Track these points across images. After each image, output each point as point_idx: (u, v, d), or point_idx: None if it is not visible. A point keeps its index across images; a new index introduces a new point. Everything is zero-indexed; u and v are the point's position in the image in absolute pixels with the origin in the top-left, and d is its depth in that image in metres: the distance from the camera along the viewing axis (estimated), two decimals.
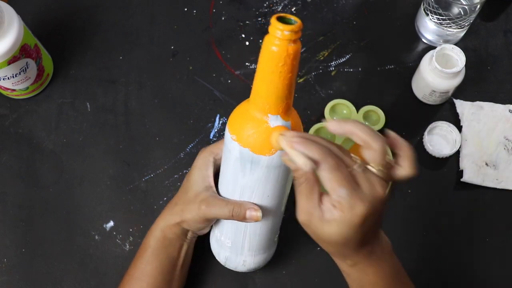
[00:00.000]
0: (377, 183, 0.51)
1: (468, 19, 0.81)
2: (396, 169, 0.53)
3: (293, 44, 0.51)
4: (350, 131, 0.52)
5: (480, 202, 0.79)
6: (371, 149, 0.51)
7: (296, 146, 0.52)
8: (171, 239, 0.68)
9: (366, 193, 0.51)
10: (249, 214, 0.62)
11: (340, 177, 0.50)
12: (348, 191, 0.50)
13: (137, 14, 0.89)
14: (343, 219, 0.50)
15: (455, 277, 0.76)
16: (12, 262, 0.76)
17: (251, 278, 0.76)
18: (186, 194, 0.67)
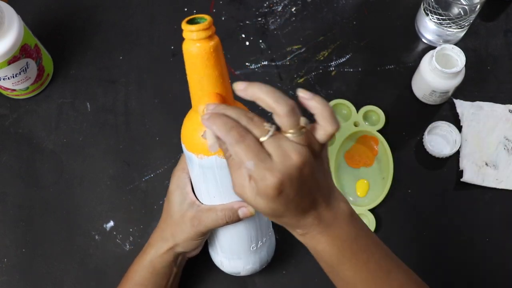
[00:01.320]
0: (291, 150, 0.49)
1: (468, 19, 0.81)
2: (316, 129, 0.51)
3: (208, 41, 0.53)
4: (254, 96, 0.50)
5: (480, 202, 0.79)
6: (278, 114, 0.49)
7: (204, 123, 0.51)
8: (161, 269, 0.66)
9: (276, 162, 0.48)
10: (242, 213, 0.61)
11: (244, 150, 0.48)
12: (254, 163, 0.48)
13: (137, 14, 0.89)
14: (259, 191, 0.49)
15: (455, 277, 0.76)
16: (12, 262, 0.76)
17: (251, 278, 0.76)
18: (171, 218, 0.65)
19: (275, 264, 0.76)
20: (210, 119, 0.51)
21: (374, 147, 0.81)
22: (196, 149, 0.58)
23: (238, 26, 0.88)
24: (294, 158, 0.49)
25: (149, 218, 0.78)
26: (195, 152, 0.59)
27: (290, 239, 0.76)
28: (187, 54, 0.55)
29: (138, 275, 0.67)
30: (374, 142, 0.81)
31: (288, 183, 0.49)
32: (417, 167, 0.81)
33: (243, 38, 0.87)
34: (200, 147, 0.58)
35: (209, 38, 0.54)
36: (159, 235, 0.67)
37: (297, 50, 0.87)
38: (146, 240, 0.77)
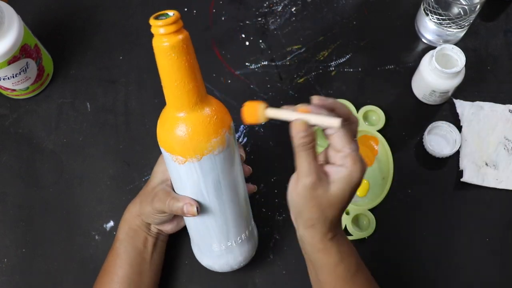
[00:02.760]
0: (360, 159, 0.57)
1: (468, 19, 0.81)
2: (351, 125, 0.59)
3: (176, 35, 0.54)
4: (332, 105, 0.58)
5: (480, 202, 0.79)
6: (352, 120, 0.58)
7: (316, 110, 0.57)
8: (135, 230, 0.69)
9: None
10: (186, 209, 0.63)
11: (351, 134, 0.57)
12: (356, 147, 0.56)
13: (137, 14, 0.89)
14: (347, 175, 0.55)
15: (455, 277, 0.76)
16: (12, 262, 0.76)
17: (251, 278, 0.76)
18: (146, 187, 0.69)
19: (275, 264, 0.76)
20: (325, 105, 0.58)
21: (374, 147, 0.81)
22: (172, 150, 0.59)
23: (238, 26, 0.88)
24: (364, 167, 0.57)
25: None
26: (172, 152, 0.60)
27: (290, 239, 0.76)
28: (157, 49, 0.55)
29: (120, 233, 0.70)
30: (374, 142, 0.81)
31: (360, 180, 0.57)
32: (417, 167, 0.81)
33: (243, 38, 0.87)
34: (176, 147, 0.59)
35: (176, 32, 0.54)
36: (134, 201, 0.71)
37: (297, 50, 0.87)
38: None
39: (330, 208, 0.56)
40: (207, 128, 0.58)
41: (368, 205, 0.78)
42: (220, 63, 0.86)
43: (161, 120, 0.61)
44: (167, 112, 0.60)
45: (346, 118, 0.57)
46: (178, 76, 0.56)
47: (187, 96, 0.57)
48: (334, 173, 0.56)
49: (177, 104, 0.58)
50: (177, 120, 0.58)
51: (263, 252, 0.76)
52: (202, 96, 0.58)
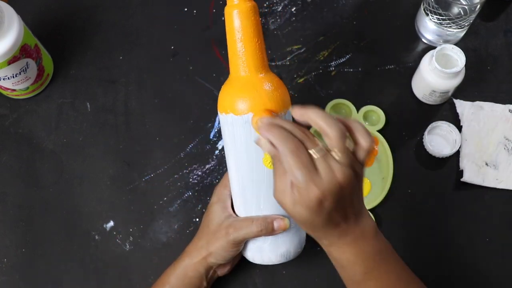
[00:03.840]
0: (336, 169, 0.53)
1: (468, 19, 0.81)
2: (357, 149, 0.55)
3: (247, 1, 0.61)
4: (310, 119, 0.54)
5: (480, 202, 0.79)
6: (329, 137, 0.53)
7: (261, 132, 0.55)
8: (192, 278, 0.68)
9: (322, 178, 0.52)
10: (276, 225, 0.65)
11: (296, 161, 0.52)
12: (303, 175, 0.52)
13: (137, 14, 0.89)
14: (301, 201, 0.53)
15: (455, 277, 0.76)
16: (12, 262, 0.76)
17: (251, 278, 0.76)
18: (208, 228, 0.69)
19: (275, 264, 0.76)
20: (267, 128, 0.55)
21: (374, 147, 0.81)
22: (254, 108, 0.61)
23: None
24: (339, 177, 0.53)
25: (149, 218, 0.78)
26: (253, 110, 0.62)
27: None
28: (229, 16, 0.61)
29: (171, 279, 0.69)
30: (374, 142, 0.81)
31: (329, 198, 0.53)
32: (417, 167, 0.81)
33: None
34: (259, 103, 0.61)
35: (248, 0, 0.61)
36: (195, 244, 0.69)
37: (297, 50, 0.87)
38: (146, 240, 0.77)
39: (299, 224, 0.56)
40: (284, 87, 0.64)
41: (368, 205, 0.78)
42: (220, 63, 0.86)
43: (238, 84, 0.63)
44: (242, 77, 0.62)
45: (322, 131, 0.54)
46: (258, 35, 0.62)
47: (264, 56, 0.63)
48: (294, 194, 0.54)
49: (258, 64, 0.62)
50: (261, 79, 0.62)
51: None
52: (266, 66, 0.64)
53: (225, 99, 0.63)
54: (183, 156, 0.81)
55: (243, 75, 0.62)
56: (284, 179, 0.53)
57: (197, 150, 0.81)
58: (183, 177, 0.80)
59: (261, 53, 0.62)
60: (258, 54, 0.62)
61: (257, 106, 0.61)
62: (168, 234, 0.77)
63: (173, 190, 0.79)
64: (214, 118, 0.83)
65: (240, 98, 0.61)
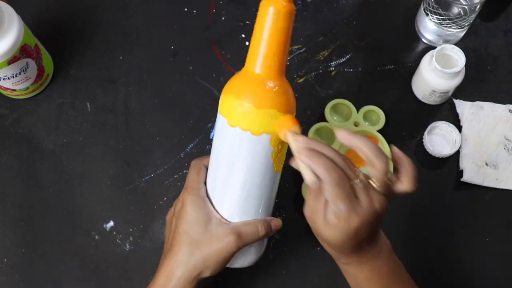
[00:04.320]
0: (375, 199, 0.55)
1: (468, 19, 0.81)
2: (397, 183, 0.57)
3: (289, 3, 0.59)
4: (357, 147, 0.55)
5: (480, 202, 0.79)
6: (375, 168, 0.55)
7: (303, 159, 0.55)
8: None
9: (363, 208, 0.54)
10: (273, 226, 0.65)
11: (340, 192, 0.53)
12: (346, 205, 0.53)
13: (137, 14, 0.89)
14: (340, 227, 0.54)
15: (455, 277, 0.76)
16: (12, 262, 0.76)
17: (251, 278, 0.76)
18: (197, 241, 0.60)
19: (275, 264, 0.76)
20: (309, 156, 0.55)
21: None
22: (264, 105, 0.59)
23: (238, 26, 0.88)
24: (377, 207, 0.55)
25: (149, 218, 0.78)
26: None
27: (290, 239, 0.76)
28: (264, 10, 0.59)
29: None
30: (374, 142, 0.81)
31: (366, 227, 0.55)
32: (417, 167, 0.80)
33: (243, 38, 0.87)
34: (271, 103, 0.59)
35: (289, 1, 0.59)
36: (180, 263, 0.60)
37: (297, 50, 0.87)
38: (146, 240, 0.77)
39: (325, 244, 0.57)
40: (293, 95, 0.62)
41: None
42: (220, 63, 0.86)
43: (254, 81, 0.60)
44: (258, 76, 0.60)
45: (369, 162, 0.55)
46: (288, 39, 0.60)
47: (285, 61, 0.61)
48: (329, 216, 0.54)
49: (280, 67, 0.60)
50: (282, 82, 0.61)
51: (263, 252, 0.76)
52: (282, 74, 0.62)
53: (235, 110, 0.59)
54: (183, 156, 0.81)
55: (258, 72, 0.60)
56: (319, 201, 0.54)
57: (197, 150, 0.81)
58: (183, 177, 0.80)
59: (285, 59, 0.60)
60: (282, 59, 0.60)
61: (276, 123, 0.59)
62: None
63: (173, 190, 0.79)
64: (214, 118, 0.83)
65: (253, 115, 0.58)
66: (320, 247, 0.59)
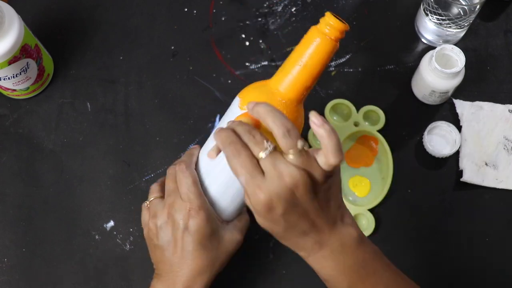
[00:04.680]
0: (285, 171, 0.50)
1: (468, 19, 0.81)
2: (319, 156, 0.52)
3: (336, 41, 0.60)
4: (259, 115, 0.53)
5: (480, 202, 0.79)
6: (275, 135, 0.51)
7: (214, 136, 0.55)
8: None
9: (268, 181, 0.50)
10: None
11: (238, 165, 0.51)
12: (246, 178, 0.50)
13: (137, 14, 0.89)
14: (250, 206, 0.51)
15: (455, 277, 0.76)
16: (12, 262, 0.76)
17: (251, 278, 0.76)
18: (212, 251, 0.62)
19: (275, 264, 0.76)
20: (217, 132, 0.54)
21: (374, 147, 0.81)
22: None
23: (238, 26, 0.88)
24: (286, 179, 0.50)
25: None
26: None
27: None
28: (312, 39, 0.60)
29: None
30: (374, 142, 0.81)
31: (278, 203, 0.50)
32: (417, 167, 0.81)
33: (243, 38, 0.87)
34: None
35: (337, 40, 0.60)
36: (203, 277, 0.61)
37: None
38: None
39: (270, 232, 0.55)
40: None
41: (368, 205, 0.78)
42: (220, 63, 0.86)
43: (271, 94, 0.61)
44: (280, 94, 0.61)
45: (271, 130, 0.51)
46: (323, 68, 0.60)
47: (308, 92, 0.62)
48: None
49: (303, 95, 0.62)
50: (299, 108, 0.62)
51: (263, 252, 0.76)
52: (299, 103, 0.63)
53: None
54: None
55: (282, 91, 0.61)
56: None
57: None
58: None
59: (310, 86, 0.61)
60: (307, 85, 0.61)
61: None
62: None
63: None
64: (214, 118, 0.83)
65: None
66: None
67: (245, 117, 0.59)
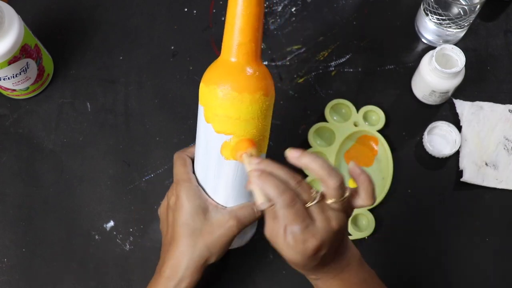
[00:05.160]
0: (332, 217, 0.54)
1: (468, 19, 0.81)
2: (355, 198, 0.56)
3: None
4: (306, 166, 0.55)
5: (480, 202, 0.79)
6: (327, 185, 0.54)
7: (254, 181, 0.54)
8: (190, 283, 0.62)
9: (319, 228, 0.54)
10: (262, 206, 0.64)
11: (293, 214, 0.53)
12: (300, 228, 0.53)
13: (137, 14, 0.89)
14: (298, 250, 0.54)
15: (455, 277, 0.76)
16: (12, 262, 0.76)
17: (251, 278, 0.76)
18: (201, 231, 0.62)
19: (275, 264, 0.76)
20: (261, 178, 0.54)
21: (374, 147, 0.81)
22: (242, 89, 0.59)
23: None
24: (334, 225, 0.54)
25: (149, 218, 0.78)
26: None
27: None
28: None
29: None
30: (374, 142, 0.81)
31: (326, 246, 0.54)
32: (417, 167, 0.81)
33: None
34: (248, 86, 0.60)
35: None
36: (186, 255, 0.61)
37: (297, 50, 0.87)
38: (146, 240, 0.77)
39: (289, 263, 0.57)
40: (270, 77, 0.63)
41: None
42: None
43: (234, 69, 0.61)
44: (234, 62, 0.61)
45: (321, 180, 0.54)
46: (261, 24, 0.60)
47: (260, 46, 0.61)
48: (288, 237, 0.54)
49: (257, 53, 0.60)
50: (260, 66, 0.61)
51: (263, 252, 0.76)
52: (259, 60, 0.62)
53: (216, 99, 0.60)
54: None
55: (234, 61, 0.60)
56: (277, 222, 0.54)
57: None
58: None
59: (260, 44, 0.61)
60: (257, 44, 0.60)
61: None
62: None
63: None
64: None
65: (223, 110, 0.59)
66: None
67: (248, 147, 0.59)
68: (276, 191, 0.53)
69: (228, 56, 0.61)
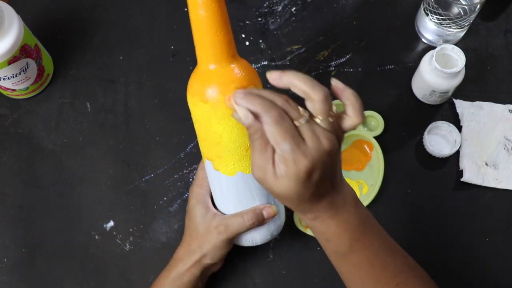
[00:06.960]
0: (322, 136, 0.51)
1: (468, 19, 0.81)
2: (344, 119, 0.53)
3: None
4: (290, 82, 0.52)
5: (480, 202, 0.79)
6: (313, 101, 0.51)
7: (239, 101, 0.52)
8: (188, 282, 0.68)
9: (310, 147, 0.50)
10: (266, 214, 0.65)
11: (282, 131, 0.50)
12: (291, 145, 0.50)
13: (137, 14, 0.89)
14: (289, 174, 0.50)
15: (455, 277, 0.76)
16: (12, 262, 0.76)
17: (251, 278, 0.76)
18: (196, 231, 0.68)
19: (275, 264, 0.76)
20: (245, 98, 0.52)
21: (368, 152, 0.80)
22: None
23: (238, 26, 0.88)
24: (325, 144, 0.51)
25: (149, 218, 0.78)
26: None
27: (290, 239, 0.76)
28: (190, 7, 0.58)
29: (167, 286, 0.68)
30: (369, 147, 0.80)
31: (318, 168, 0.50)
32: (417, 167, 0.81)
33: (243, 38, 0.87)
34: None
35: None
36: (185, 250, 0.68)
37: (297, 50, 0.87)
38: (146, 240, 0.77)
39: (284, 199, 0.54)
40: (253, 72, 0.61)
41: None
42: None
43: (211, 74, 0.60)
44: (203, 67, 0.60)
45: (306, 96, 0.51)
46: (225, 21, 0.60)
47: (231, 45, 0.60)
48: (277, 168, 0.51)
49: (228, 52, 0.59)
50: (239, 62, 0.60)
51: (263, 252, 0.76)
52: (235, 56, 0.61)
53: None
54: (183, 156, 0.81)
55: (212, 68, 0.59)
56: (265, 154, 0.51)
57: (197, 150, 0.81)
58: (183, 177, 0.80)
59: (229, 44, 0.59)
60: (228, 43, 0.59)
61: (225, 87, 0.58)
62: (168, 234, 0.77)
63: (173, 190, 0.79)
64: None
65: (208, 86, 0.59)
66: (319, 247, 0.59)
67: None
68: (263, 107, 0.50)
69: (205, 65, 0.60)
